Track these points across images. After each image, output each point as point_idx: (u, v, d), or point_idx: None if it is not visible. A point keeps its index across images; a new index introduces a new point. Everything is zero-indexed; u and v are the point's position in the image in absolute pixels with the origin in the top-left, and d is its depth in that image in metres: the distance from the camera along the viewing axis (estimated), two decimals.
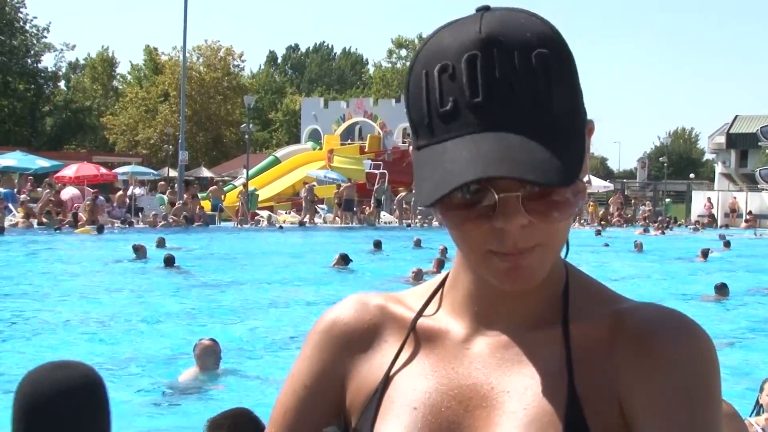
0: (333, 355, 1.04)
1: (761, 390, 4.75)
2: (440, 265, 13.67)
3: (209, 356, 6.86)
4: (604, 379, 0.92)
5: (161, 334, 9.34)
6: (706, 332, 0.92)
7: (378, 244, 19.47)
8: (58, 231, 22.26)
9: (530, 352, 0.95)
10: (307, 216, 29.74)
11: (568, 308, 0.96)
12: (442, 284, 1.04)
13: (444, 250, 15.40)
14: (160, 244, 18.15)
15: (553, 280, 0.97)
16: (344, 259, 15.30)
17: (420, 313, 1.02)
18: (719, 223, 39.03)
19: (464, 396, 0.95)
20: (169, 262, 14.75)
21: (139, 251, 15.92)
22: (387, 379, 0.99)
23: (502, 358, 0.96)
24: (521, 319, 0.97)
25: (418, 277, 12.88)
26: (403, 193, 32.34)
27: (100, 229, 22.57)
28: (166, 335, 9.29)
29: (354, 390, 1.02)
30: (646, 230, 31.86)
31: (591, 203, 40.62)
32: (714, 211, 40.18)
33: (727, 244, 23.38)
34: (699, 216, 39.44)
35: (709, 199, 41.47)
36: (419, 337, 1.01)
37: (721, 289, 12.65)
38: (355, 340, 1.03)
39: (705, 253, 19.29)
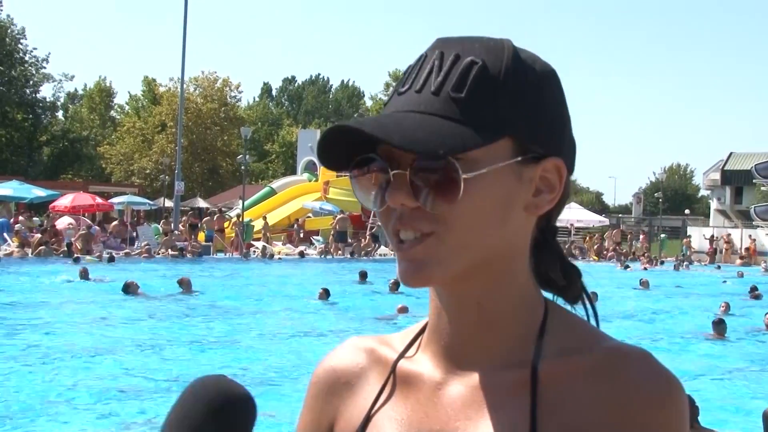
0: (326, 403, 1.03)
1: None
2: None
3: None
4: (574, 428, 0.85)
5: (149, 366, 9.28)
6: (686, 399, 0.88)
7: (364, 275, 19.43)
8: (75, 262, 21.79)
9: (497, 397, 0.90)
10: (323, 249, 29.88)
11: (541, 348, 0.90)
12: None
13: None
14: (84, 275, 17.72)
15: (528, 316, 0.92)
16: (326, 293, 15.49)
17: (402, 355, 0.99)
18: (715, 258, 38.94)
19: None
20: (128, 288, 15.17)
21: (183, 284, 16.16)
22: (366, 423, 0.97)
23: (472, 403, 0.91)
24: (493, 359, 0.92)
25: (403, 312, 12.91)
26: None
27: (111, 259, 22.59)
28: (156, 366, 9.23)
29: None
30: (626, 266, 30.34)
31: (588, 235, 40.57)
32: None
33: (752, 289, 22.37)
34: (696, 251, 39.36)
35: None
36: (398, 380, 0.98)
37: (719, 326, 12.43)
38: (343, 385, 1.02)
39: (754, 290, 19.04)
